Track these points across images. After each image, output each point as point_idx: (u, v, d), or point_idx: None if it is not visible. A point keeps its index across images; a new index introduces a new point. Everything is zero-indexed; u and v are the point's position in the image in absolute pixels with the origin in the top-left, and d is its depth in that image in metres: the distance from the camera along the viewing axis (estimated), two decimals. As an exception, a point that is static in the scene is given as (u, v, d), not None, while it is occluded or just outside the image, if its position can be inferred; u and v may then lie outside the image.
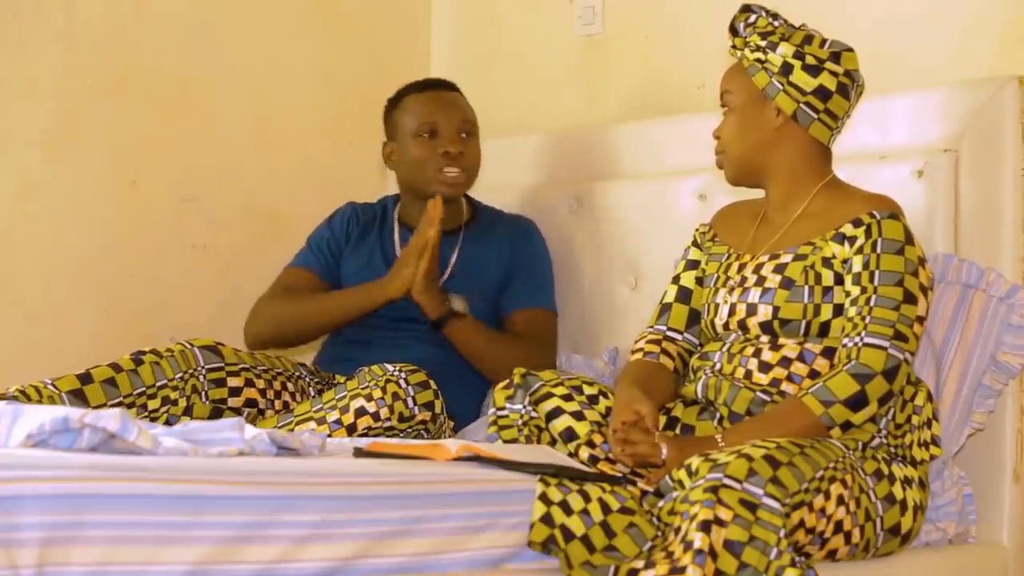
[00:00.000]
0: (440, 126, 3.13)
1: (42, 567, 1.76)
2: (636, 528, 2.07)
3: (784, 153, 2.45)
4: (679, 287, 2.60)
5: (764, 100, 2.43)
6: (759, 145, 2.45)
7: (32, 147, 3.34)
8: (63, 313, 3.38)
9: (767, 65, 2.41)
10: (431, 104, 3.16)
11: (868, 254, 2.34)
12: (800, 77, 2.39)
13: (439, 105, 3.16)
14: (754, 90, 2.43)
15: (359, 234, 3.22)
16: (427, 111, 3.14)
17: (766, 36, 2.41)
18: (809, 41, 2.40)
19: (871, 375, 2.26)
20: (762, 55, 2.41)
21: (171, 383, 2.77)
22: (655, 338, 2.56)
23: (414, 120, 3.14)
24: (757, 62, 2.42)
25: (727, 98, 2.47)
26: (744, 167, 2.48)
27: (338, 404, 2.72)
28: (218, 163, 3.62)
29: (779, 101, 2.41)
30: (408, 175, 3.17)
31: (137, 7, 3.49)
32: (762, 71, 2.41)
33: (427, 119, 3.13)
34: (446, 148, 3.10)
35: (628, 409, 2.31)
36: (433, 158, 3.11)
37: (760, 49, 2.41)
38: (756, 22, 2.42)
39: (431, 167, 3.11)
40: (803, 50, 2.39)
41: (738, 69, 2.47)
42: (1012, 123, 2.56)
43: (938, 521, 2.45)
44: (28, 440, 1.98)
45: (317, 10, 3.79)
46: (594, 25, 3.53)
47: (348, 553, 1.94)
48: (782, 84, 2.40)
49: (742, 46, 2.44)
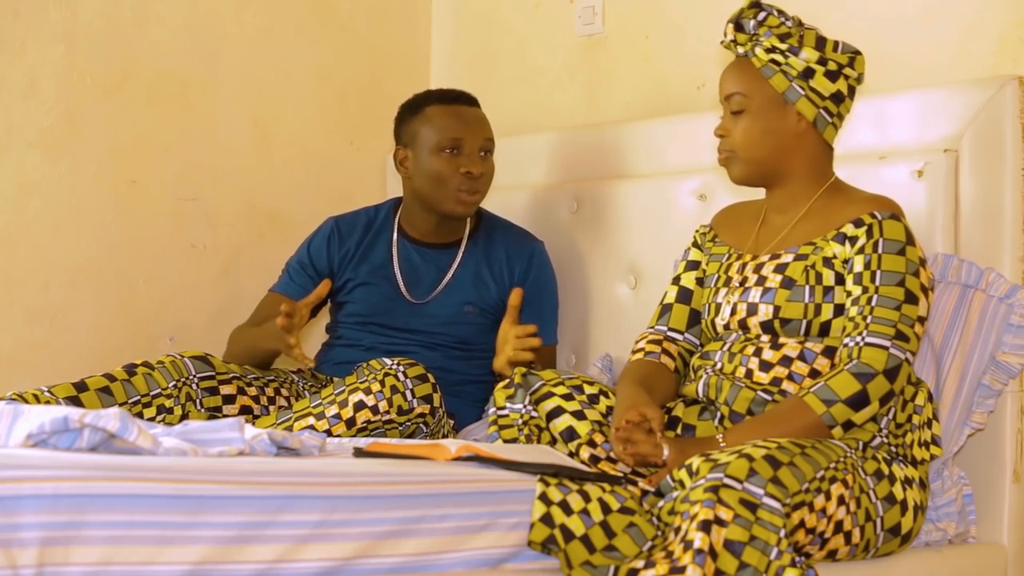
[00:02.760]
0: (464, 143, 3.08)
1: (42, 567, 1.76)
2: (636, 528, 2.07)
3: (800, 157, 2.44)
4: (680, 288, 2.60)
5: (783, 104, 2.40)
6: (777, 149, 2.42)
7: (32, 147, 3.35)
8: (63, 313, 3.39)
9: (785, 68, 2.37)
10: (457, 120, 3.10)
11: (869, 254, 2.34)
12: (821, 83, 2.38)
13: (465, 122, 3.10)
14: (772, 93, 2.39)
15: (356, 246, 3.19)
16: (453, 126, 3.09)
17: (784, 38, 2.37)
18: (823, 44, 2.38)
19: (873, 374, 2.26)
20: (780, 57, 2.37)
21: (165, 391, 2.78)
22: (656, 338, 2.56)
23: (437, 134, 3.08)
24: (773, 64, 2.38)
25: (739, 100, 2.42)
26: (758, 170, 2.45)
27: (337, 399, 2.72)
28: (218, 163, 3.62)
29: (800, 106, 2.39)
30: (423, 187, 3.11)
31: (137, 7, 3.49)
32: (779, 74, 2.38)
33: (452, 135, 3.08)
34: (468, 168, 3.06)
35: (632, 410, 2.31)
36: (454, 176, 3.07)
37: (778, 51, 2.37)
38: (767, 20, 2.38)
39: (451, 185, 3.07)
40: (825, 55, 2.38)
41: (747, 69, 2.42)
42: (1012, 123, 2.56)
43: (938, 521, 2.45)
44: (28, 440, 1.98)
45: (317, 10, 3.79)
46: (594, 25, 3.53)
47: (348, 553, 1.94)
48: (803, 89, 2.38)
49: (746, 42, 2.41)
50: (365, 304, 3.14)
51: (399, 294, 3.13)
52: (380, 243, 3.19)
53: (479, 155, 3.09)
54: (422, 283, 3.13)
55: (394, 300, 3.12)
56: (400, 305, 3.12)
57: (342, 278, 3.17)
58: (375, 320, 3.12)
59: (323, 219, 3.26)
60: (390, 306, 3.12)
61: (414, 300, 3.12)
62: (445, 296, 3.11)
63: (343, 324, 3.17)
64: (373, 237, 3.20)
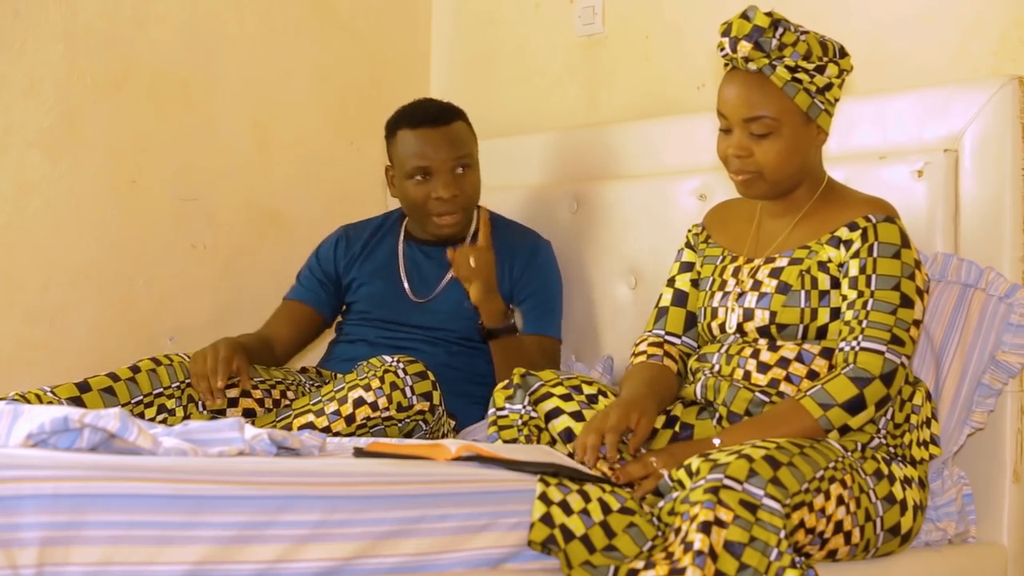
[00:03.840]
0: (432, 168, 3.07)
1: (42, 567, 1.76)
2: (636, 528, 2.07)
3: (813, 163, 2.42)
4: (675, 290, 2.59)
5: (808, 121, 2.35)
6: (803, 164, 2.39)
7: (32, 147, 3.34)
8: (63, 313, 3.38)
9: (808, 85, 2.32)
10: (423, 145, 3.08)
11: (864, 258, 2.33)
12: (834, 93, 2.37)
13: (432, 146, 3.07)
14: (798, 112, 2.33)
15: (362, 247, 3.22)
16: (419, 153, 3.07)
17: (808, 57, 2.30)
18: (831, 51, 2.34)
19: (869, 379, 2.26)
20: (805, 77, 2.31)
21: (167, 391, 2.80)
22: (656, 341, 2.56)
23: (406, 161, 3.09)
24: (795, 81, 2.31)
25: (768, 123, 2.32)
26: (783, 187, 2.40)
27: (336, 396, 2.73)
28: (218, 163, 3.62)
29: (822, 120, 2.36)
30: (405, 208, 3.17)
31: (137, 7, 3.49)
32: (802, 91, 2.32)
33: (419, 163, 3.07)
34: (439, 193, 3.06)
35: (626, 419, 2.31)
36: (427, 201, 3.08)
37: (802, 70, 2.31)
38: (784, 37, 2.30)
39: (425, 209, 3.09)
40: (841, 65, 2.34)
41: (768, 89, 2.32)
42: (1012, 123, 2.56)
43: (938, 521, 2.45)
44: (28, 440, 1.98)
45: (317, 10, 3.79)
46: (594, 25, 3.53)
47: (348, 553, 1.94)
48: (823, 103, 2.34)
49: (760, 58, 2.31)
50: (369, 301, 3.18)
51: (403, 291, 3.15)
52: (386, 243, 3.23)
53: (452, 175, 3.07)
54: (426, 281, 3.16)
55: (398, 297, 3.15)
56: (404, 302, 3.14)
57: (348, 277, 3.21)
58: (379, 316, 3.14)
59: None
60: (394, 303, 3.15)
61: (417, 298, 3.14)
62: (448, 293, 3.12)
63: (349, 322, 3.21)
64: (380, 238, 3.24)
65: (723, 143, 2.40)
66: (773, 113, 2.32)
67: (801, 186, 2.43)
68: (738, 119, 2.35)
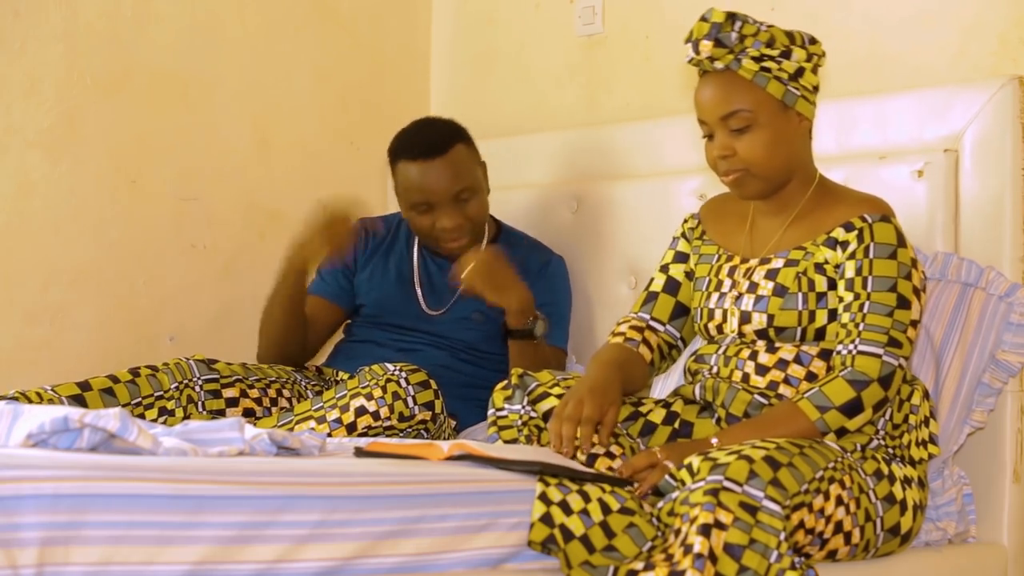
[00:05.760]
0: (433, 200, 3.05)
1: (42, 567, 1.76)
2: (636, 528, 2.07)
3: (802, 155, 2.42)
4: (667, 278, 2.58)
5: (785, 108, 2.34)
6: (789, 156, 2.38)
7: (32, 147, 3.34)
8: (63, 313, 3.38)
9: (778, 73, 2.32)
10: (423, 178, 3.04)
11: (860, 259, 2.33)
12: (809, 78, 2.36)
13: (432, 178, 3.04)
14: (773, 101, 2.33)
15: (373, 248, 3.22)
16: (419, 187, 3.04)
17: (771, 44, 2.32)
18: (795, 39, 2.34)
19: (867, 382, 2.26)
20: (772, 64, 2.32)
21: (167, 393, 2.80)
22: (639, 325, 2.55)
23: (407, 195, 3.07)
24: (764, 71, 2.32)
25: (745, 116, 2.33)
26: (774, 183, 2.40)
27: (338, 403, 2.72)
28: (218, 163, 3.62)
29: (800, 107, 2.35)
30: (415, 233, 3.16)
31: (137, 7, 3.48)
32: (773, 80, 2.32)
33: (418, 198, 3.05)
34: (443, 223, 3.05)
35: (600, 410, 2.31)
36: (432, 230, 3.07)
37: (768, 59, 2.32)
38: (744, 29, 2.31)
39: (431, 236, 3.09)
40: (809, 50, 2.36)
41: (738, 83, 2.33)
42: (1012, 123, 2.56)
43: (938, 521, 2.45)
44: (28, 440, 1.98)
45: (317, 10, 3.79)
46: (594, 25, 3.53)
47: (348, 553, 1.94)
48: (798, 89, 2.34)
49: (725, 55, 2.32)
50: (381, 307, 3.17)
51: (416, 302, 3.15)
52: (399, 248, 3.22)
53: (453, 205, 3.05)
54: (438, 294, 3.15)
55: (411, 307, 3.15)
56: (416, 312, 3.14)
57: (364, 272, 3.20)
58: (390, 321, 3.15)
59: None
60: (406, 311, 3.15)
61: (431, 311, 3.14)
62: (459, 306, 3.12)
63: (358, 324, 3.21)
64: (391, 241, 3.24)
65: (708, 149, 2.41)
66: (747, 105, 2.33)
67: (792, 181, 2.42)
68: (715, 119, 2.36)
